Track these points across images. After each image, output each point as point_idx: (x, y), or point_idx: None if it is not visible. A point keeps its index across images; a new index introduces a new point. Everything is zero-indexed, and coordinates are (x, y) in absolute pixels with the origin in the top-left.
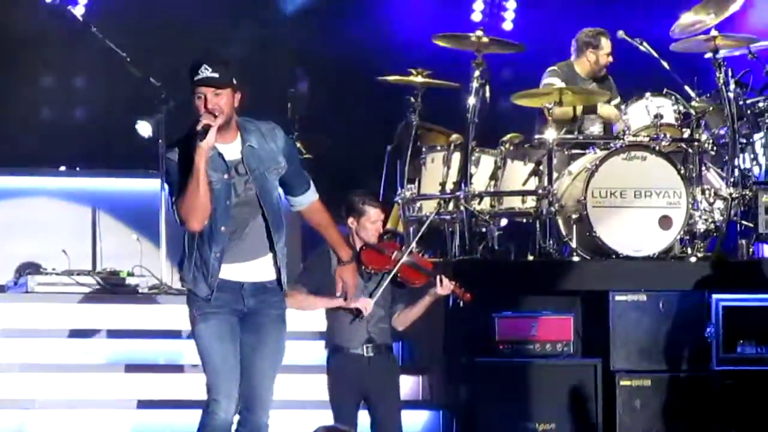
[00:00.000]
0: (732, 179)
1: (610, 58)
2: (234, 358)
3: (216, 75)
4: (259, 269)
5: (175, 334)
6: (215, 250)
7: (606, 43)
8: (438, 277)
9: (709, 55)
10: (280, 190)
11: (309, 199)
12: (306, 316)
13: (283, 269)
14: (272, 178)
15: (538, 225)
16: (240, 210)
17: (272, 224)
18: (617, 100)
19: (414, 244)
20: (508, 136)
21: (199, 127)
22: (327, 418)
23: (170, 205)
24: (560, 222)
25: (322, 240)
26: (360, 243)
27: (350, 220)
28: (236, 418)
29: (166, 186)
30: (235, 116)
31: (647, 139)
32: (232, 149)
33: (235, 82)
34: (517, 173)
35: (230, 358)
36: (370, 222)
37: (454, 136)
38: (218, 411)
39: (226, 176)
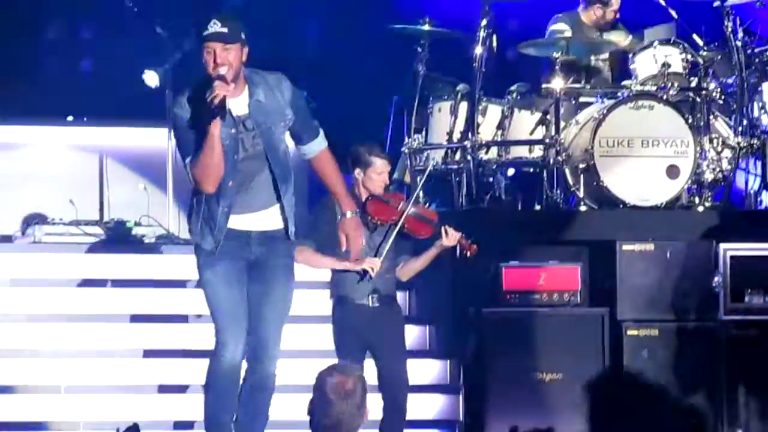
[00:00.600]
0: (740, 128)
1: (617, 15)
2: (242, 302)
3: (225, 30)
4: (266, 219)
5: (181, 284)
6: (223, 204)
7: (616, 1)
8: (443, 229)
9: (717, 3)
10: (290, 143)
11: (317, 148)
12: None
13: (291, 220)
14: (279, 131)
15: (545, 175)
16: (247, 164)
17: (279, 176)
18: (629, 39)
19: (420, 195)
20: (515, 85)
21: (216, 102)
22: None
23: (183, 165)
24: (567, 172)
25: (327, 192)
26: (366, 194)
27: (356, 171)
28: (244, 366)
29: (173, 139)
30: (243, 69)
31: (655, 88)
32: (239, 103)
33: (243, 36)
34: (524, 123)
35: (238, 302)
36: (377, 173)
37: (461, 86)
38: (226, 354)
39: (233, 131)
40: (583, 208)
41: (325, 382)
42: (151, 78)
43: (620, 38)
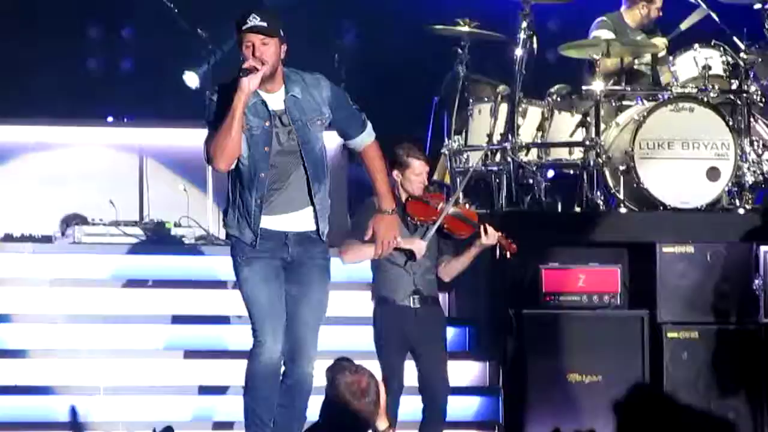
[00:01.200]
0: None
1: (660, 13)
2: (279, 300)
3: (264, 24)
4: (301, 219)
5: (221, 284)
6: (255, 196)
7: None
8: (483, 228)
9: (758, 5)
10: (328, 143)
11: (363, 142)
12: (353, 266)
13: (323, 221)
14: (315, 129)
15: (585, 176)
16: (282, 159)
17: (312, 176)
18: (663, 52)
19: (459, 195)
20: (556, 87)
21: (244, 65)
22: (374, 368)
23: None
24: (607, 173)
25: (367, 193)
26: (405, 195)
27: (395, 172)
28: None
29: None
30: (281, 67)
31: (695, 90)
32: (276, 99)
33: (282, 33)
34: (565, 124)
35: (276, 300)
36: (415, 174)
37: (501, 87)
38: (264, 352)
39: (267, 123)
40: (623, 209)
41: (339, 382)
42: (191, 79)
43: (659, 42)
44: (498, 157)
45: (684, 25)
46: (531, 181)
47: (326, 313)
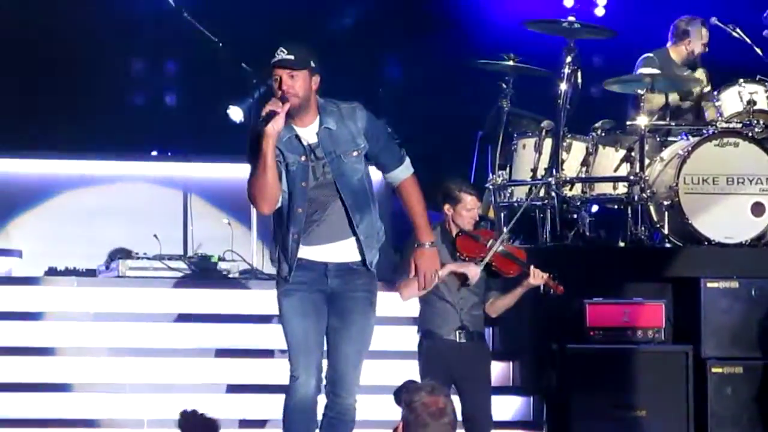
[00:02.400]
0: None
1: (706, 48)
2: (316, 334)
3: (291, 57)
4: (342, 251)
5: (265, 319)
6: (292, 231)
7: (705, 34)
8: (531, 269)
9: None
10: (374, 173)
11: (400, 176)
12: (398, 301)
13: (369, 251)
14: (350, 160)
15: (629, 211)
16: (319, 192)
17: (351, 207)
18: (708, 89)
19: (506, 234)
20: (600, 122)
21: (263, 113)
22: None
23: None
24: (652, 208)
25: (406, 233)
26: (456, 230)
27: (446, 206)
28: (322, 400)
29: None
30: (316, 98)
31: (740, 125)
32: (309, 132)
33: (312, 65)
34: (609, 159)
35: (311, 333)
36: (466, 209)
37: (546, 122)
38: (298, 387)
39: (303, 158)
40: (667, 245)
41: (417, 404)
42: (236, 113)
43: (701, 74)
44: (542, 191)
45: None
46: (575, 216)
47: (369, 346)
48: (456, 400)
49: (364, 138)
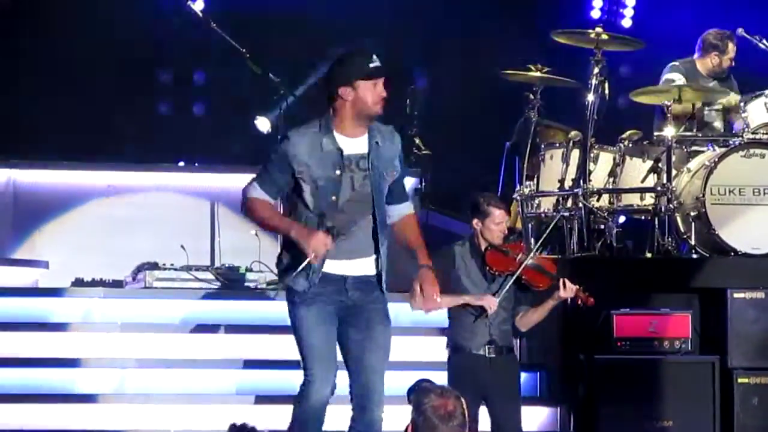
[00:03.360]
0: None
1: (733, 63)
2: (331, 342)
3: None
4: (364, 266)
5: (292, 330)
6: None
7: (732, 48)
8: (561, 281)
9: None
10: None
11: (405, 211)
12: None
13: (385, 272)
14: (387, 179)
15: (656, 222)
16: (352, 206)
17: (380, 224)
18: (737, 98)
19: (537, 247)
20: (627, 133)
21: (304, 263)
22: None
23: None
24: (679, 219)
25: (440, 240)
26: (485, 244)
27: (475, 221)
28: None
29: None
30: None
31: (766, 136)
32: (358, 144)
33: None
34: (636, 170)
35: (329, 340)
36: (495, 223)
37: (573, 133)
38: (312, 391)
39: (338, 172)
40: (694, 255)
41: (426, 406)
42: (263, 124)
43: (733, 99)
44: (569, 202)
45: None
46: (602, 226)
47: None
48: (484, 411)
49: (399, 162)
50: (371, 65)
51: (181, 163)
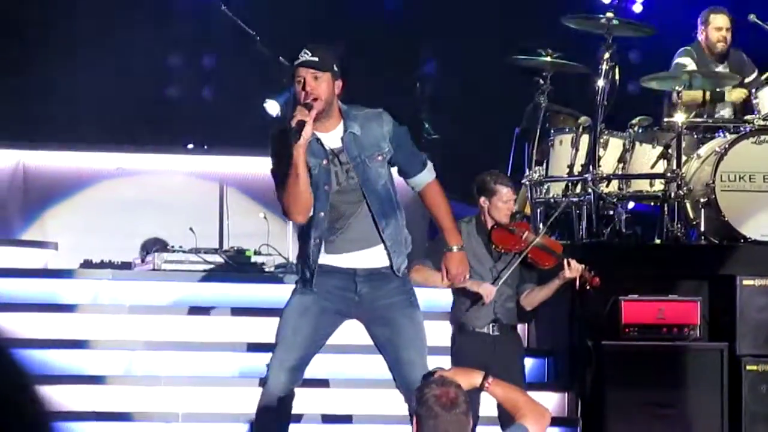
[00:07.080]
0: None
1: (722, 34)
2: (305, 337)
3: (315, 59)
4: (372, 257)
5: None
6: (314, 235)
7: (714, 18)
8: (567, 261)
9: None
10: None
11: (422, 181)
12: (431, 296)
13: (397, 257)
14: (375, 165)
15: (665, 208)
16: (341, 198)
17: (377, 212)
18: (754, 74)
19: (544, 229)
20: (637, 118)
21: (293, 123)
22: None
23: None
24: (688, 206)
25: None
26: (491, 222)
27: (482, 199)
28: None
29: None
30: (339, 104)
31: None
32: (332, 137)
33: (335, 68)
34: (646, 156)
35: (300, 333)
36: (502, 201)
37: (583, 119)
38: (266, 380)
39: (324, 162)
40: (703, 242)
41: (428, 396)
42: (273, 107)
43: (741, 93)
44: (578, 188)
45: None
46: (611, 212)
47: (427, 345)
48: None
49: (389, 143)
50: (295, 61)
51: (190, 146)
